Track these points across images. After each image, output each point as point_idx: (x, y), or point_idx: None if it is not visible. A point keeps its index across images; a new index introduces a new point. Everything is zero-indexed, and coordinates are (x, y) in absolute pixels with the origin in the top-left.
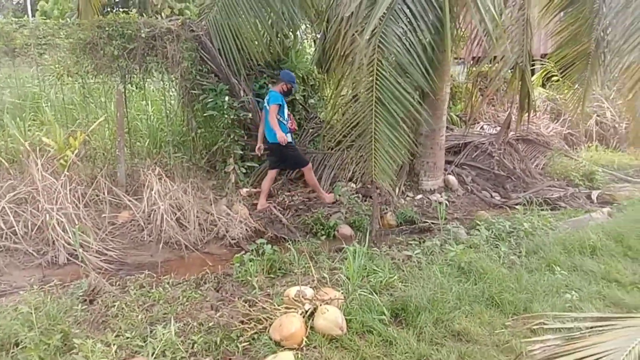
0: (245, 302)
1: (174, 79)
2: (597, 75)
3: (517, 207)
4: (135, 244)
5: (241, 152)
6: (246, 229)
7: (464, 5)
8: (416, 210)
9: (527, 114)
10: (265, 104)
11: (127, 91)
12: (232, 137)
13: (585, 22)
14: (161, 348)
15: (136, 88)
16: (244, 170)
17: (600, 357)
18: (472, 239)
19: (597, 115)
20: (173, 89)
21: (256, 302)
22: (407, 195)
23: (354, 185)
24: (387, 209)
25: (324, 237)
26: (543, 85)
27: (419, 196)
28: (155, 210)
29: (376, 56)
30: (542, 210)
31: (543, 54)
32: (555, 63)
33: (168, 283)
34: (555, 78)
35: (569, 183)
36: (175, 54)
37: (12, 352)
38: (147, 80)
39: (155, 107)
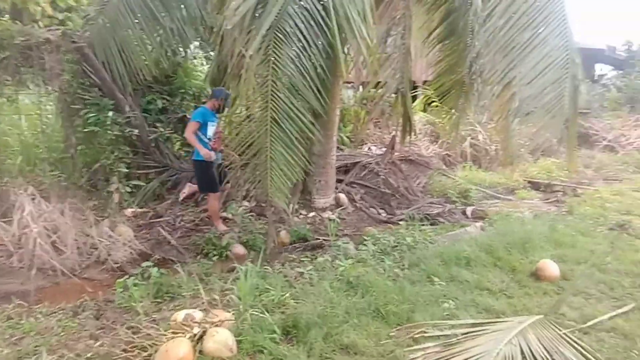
0: (129, 330)
1: (52, 92)
2: (470, 102)
3: (400, 222)
4: (3, 271)
5: (126, 170)
6: (130, 252)
7: None
8: (309, 228)
9: (408, 136)
10: None
11: None
12: (116, 154)
13: (460, 54)
14: None
15: (7, 100)
16: (129, 190)
17: None
18: (360, 254)
19: (471, 138)
20: (50, 103)
21: (141, 329)
22: (301, 213)
23: (247, 204)
24: (281, 227)
25: (216, 257)
26: (424, 110)
27: (312, 214)
28: (27, 234)
29: (270, 77)
30: (422, 225)
31: (425, 80)
32: (435, 90)
33: (41, 313)
34: (434, 104)
35: (447, 200)
36: (54, 66)
37: None
38: (22, 92)
39: (30, 122)
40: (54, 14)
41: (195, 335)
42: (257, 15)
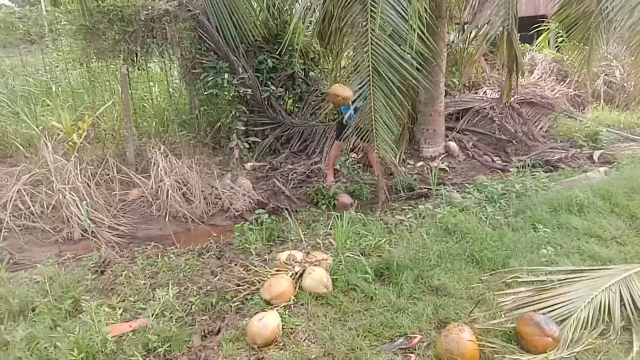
0: (242, 268)
1: (175, 59)
2: (601, 34)
3: (511, 169)
4: (145, 219)
5: (243, 128)
6: (249, 202)
7: None
8: (416, 178)
9: (516, 77)
10: None
11: (131, 73)
12: (234, 113)
13: None
14: (161, 309)
15: (139, 70)
16: (247, 145)
17: (562, 305)
18: (464, 202)
19: (605, 75)
20: (175, 69)
21: (252, 267)
22: (408, 163)
23: (355, 156)
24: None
25: (325, 206)
26: (551, 46)
27: (420, 163)
28: (161, 186)
29: (369, 25)
30: (536, 172)
31: (542, 14)
32: (560, 22)
33: (173, 253)
34: (560, 39)
35: (572, 144)
36: (174, 35)
37: (29, 316)
38: (151, 61)
39: (161, 88)
40: None
41: (295, 273)
42: None
